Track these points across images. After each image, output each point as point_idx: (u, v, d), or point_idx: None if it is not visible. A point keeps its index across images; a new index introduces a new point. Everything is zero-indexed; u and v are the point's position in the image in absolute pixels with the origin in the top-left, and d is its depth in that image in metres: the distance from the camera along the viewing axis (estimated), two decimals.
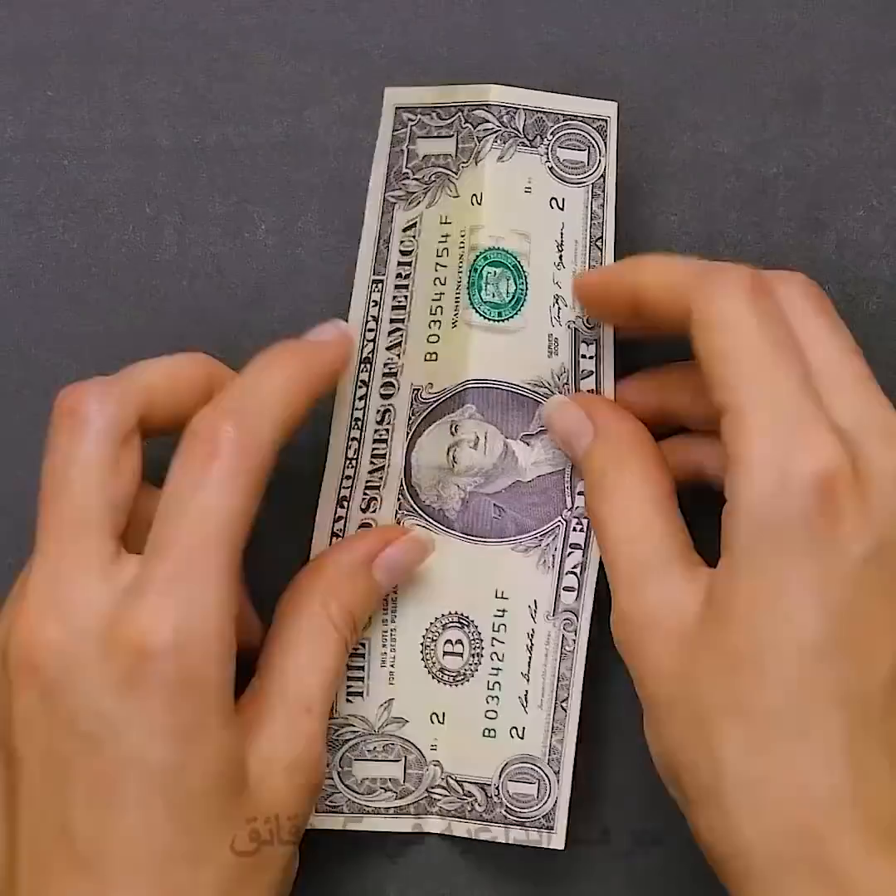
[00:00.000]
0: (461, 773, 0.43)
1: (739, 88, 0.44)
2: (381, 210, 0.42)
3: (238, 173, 0.44)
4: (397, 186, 0.42)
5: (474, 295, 0.42)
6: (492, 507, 0.43)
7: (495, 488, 0.43)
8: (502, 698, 0.43)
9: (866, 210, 0.44)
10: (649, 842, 0.44)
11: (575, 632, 0.42)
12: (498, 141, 0.42)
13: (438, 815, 0.43)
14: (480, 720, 0.43)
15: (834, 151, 0.44)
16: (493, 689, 0.43)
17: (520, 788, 0.42)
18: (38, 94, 0.44)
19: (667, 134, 0.44)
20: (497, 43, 0.44)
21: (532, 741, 0.42)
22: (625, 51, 0.44)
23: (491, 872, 0.44)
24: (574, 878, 0.44)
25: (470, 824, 0.43)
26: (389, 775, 0.43)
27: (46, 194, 0.44)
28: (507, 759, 0.43)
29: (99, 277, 0.44)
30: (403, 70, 0.44)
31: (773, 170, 0.44)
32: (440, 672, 0.43)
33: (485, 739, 0.43)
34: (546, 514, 0.43)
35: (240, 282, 0.44)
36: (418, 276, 0.42)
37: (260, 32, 0.44)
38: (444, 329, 0.43)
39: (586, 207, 0.42)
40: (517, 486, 0.43)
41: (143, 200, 0.44)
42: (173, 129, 0.44)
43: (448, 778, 0.43)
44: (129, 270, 0.44)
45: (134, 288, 0.44)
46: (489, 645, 0.43)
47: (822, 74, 0.44)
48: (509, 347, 0.42)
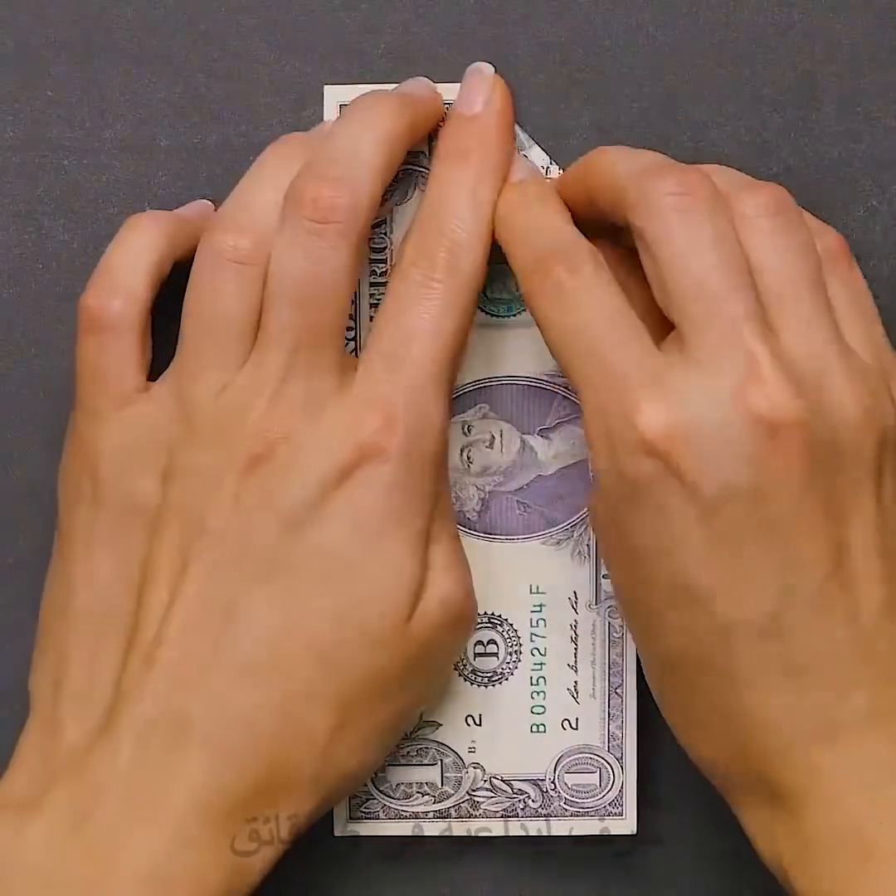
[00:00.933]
0: (508, 772, 0.43)
1: (739, 88, 0.44)
2: None
3: (238, 173, 0.44)
4: None
5: (479, 294, 0.42)
6: (515, 504, 0.43)
7: (517, 485, 0.43)
8: (549, 692, 0.43)
9: (866, 210, 0.44)
10: (649, 842, 0.44)
11: (621, 617, 0.42)
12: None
13: (484, 817, 0.43)
14: (526, 717, 0.43)
15: (834, 151, 0.44)
16: (537, 683, 0.43)
17: (579, 779, 0.42)
18: (38, 94, 0.44)
19: (667, 134, 0.44)
20: (497, 43, 0.44)
21: (588, 730, 0.43)
22: (625, 51, 0.44)
23: (491, 872, 0.44)
24: (574, 878, 0.44)
25: (526, 822, 0.43)
26: (426, 779, 0.43)
27: (46, 194, 0.44)
28: (562, 751, 0.43)
29: None
30: (403, 70, 0.44)
31: (773, 170, 0.44)
32: (473, 674, 0.43)
33: (533, 735, 0.43)
34: (574, 504, 0.43)
35: None
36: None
37: (260, 32, 0.44)
38: None
39: None
40: (540, 481, 0.43)
41: (143, 200, 0.44)
42: (173, 129, 0.44)
43: (492, 779, 0.43)
44: None
45: None
46: (528, 641, 0.43)
47: (822, 74, 0.44)
48: (523, 340, 0.42)
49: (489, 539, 0.43)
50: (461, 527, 0.42)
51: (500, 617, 0.43)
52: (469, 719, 0.43)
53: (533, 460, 0.43)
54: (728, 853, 0.44)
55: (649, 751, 0.43)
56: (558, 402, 0.43)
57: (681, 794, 0.44)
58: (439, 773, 0.43)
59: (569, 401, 0.43)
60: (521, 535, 0.43)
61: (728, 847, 0.44)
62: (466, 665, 0.43)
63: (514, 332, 0.42)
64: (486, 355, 0.43)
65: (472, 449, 0.43)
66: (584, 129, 0.44)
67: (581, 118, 0.44)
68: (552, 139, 0.44)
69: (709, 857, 0.45)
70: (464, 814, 0.43)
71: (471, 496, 0.43)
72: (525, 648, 0.43)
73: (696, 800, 0.44)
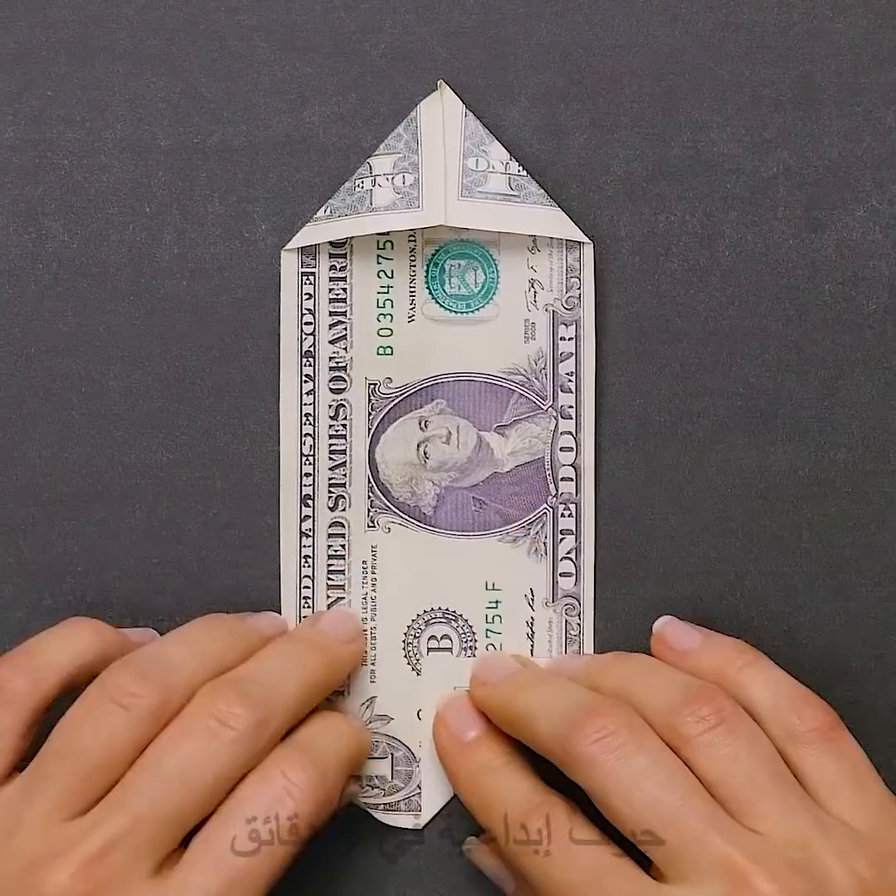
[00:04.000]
0: None
1: (739, 88, 0.44)
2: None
3: (238, 173, 0.44)
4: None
5: (437, 290, 0.42)
6: (471, 500, 0.43)
7: (472, 481, 0.43)
8: None
9: (866, 210, 0.44)
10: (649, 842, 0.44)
11: (579, 615, 0.42)
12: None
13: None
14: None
15: (834, 151, 0.44)
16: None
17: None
18: (38, 94, 0.44)
19: (667, 134, 0.44)
20: (497, 43, 0.44)
21: None
22: (625, 51, 0.44)
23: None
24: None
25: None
26: (377, 773, 0.43)
27: (46, 194, 0.44)
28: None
29: (99, 277, 0.44)
30: (403, 70, 0.44)
31: (773, 170, 0.44)
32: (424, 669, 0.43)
33: None
34: (530, 502, 0.43)
35: (240, 282, 0.44)
36: (356, 269, 0.42)
37: (260, 32, 0.44)
38: (397, 323, 0.43)
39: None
40: (496, 478, 0.43)
41: (143, 200, 0.44)
42: (173, 129, 0.44)
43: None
44: (129, 270, 0.44)
45: (134, 288, 0.44)
46: (483, 637, 0.43)
47: (822, 74, 0.44)
48: (482, 337, 0.43)
49: (445, 535, 0.43)
50: (418, 522, 0.43)
51: (454, 612, 0.43)
52: (420, 714, 0.43)
53: (489, 457, 0.43)
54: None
55: None
56: (515, 400, 0.43)
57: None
58: (389, 767, 0.43)
59: (525, 398, 0.43)
60: (476, 532, 0.43)
61: None
62: (420, 660, 0.43)
63: (473, 328, 0.43)
64: (445, 351, 0.43)
65: (428, 444, 0.43)
66: (584, 129, 0.44)
67: (581, 118, 0.44)
68: (552, 139, 0.44)
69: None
70: (413, 807, 0.43)
71: (426, 491, 0.43)
72: (480, 644, 0.43)
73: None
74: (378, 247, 0.42)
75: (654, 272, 0.44)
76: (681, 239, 0.44)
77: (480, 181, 0.41)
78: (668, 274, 0.44)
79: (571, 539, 0.43)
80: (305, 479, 0.43)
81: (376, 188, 0.42)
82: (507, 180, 0.42)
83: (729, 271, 0.44)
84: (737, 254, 0.44)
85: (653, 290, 0.44)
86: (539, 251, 0.42)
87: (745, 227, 0.44)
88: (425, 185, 0.41)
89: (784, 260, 0.44)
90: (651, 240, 0.44)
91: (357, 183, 0.42)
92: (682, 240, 0.44)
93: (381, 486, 0.43)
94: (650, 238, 0.44)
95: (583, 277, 0.42)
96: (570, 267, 0.42)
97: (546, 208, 0.42)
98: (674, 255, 0.44)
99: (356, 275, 0.42)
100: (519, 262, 0.42)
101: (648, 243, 0.44)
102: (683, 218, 0.44)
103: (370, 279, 0.42)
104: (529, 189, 0.42)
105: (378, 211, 0.41)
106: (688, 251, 0.44)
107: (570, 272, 0.42)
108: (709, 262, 0.44)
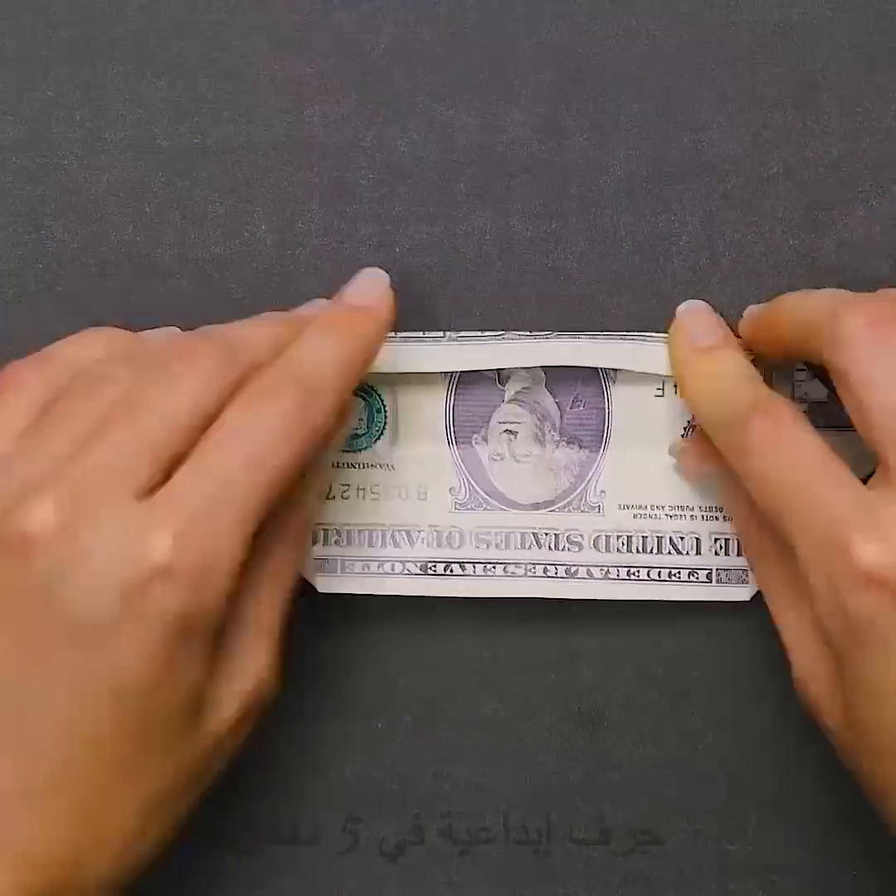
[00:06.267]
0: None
1: (739, 88, 0.44)
2: None
3: (238, 173, 0.44)
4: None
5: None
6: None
7: None
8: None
9: (866, 210, 0.44)
10: (649, 842, 0.44)
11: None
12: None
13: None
14: None
15: (834, 151, 0.44)
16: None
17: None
18: (38, 94, 0.44)
19: (667, 134, 0.44)
20: (497, 43, 0.44)
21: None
22: (625, 51, 0.44)
23: (490, 872, 0.44)
24: (574, 878, 0.44)
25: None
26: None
27: (46, 194, 0.44)
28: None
29: (99, 277, 0.44)
30: (403, 70, 0.44)
31: (773, 170, 0.44)
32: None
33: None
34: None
35: (240, 282, 0.44)
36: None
37: (260, 32, 0.44)
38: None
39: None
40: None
41: (143, 200, 0.44)
42: (173, 129, 0.44)
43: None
44: (129, 270, 0.44)
45: (134, 288, 0.44)
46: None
47: (822, 74, 0.44)
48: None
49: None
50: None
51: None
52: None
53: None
54: (729, 853, 0.44)
55: (647, 750, 0.44)
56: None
57: (682, 794, 0.44)
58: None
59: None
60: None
61: (728, 847, 0.44)
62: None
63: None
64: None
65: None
66: (584, 129, 0.44)
67: (581, 118, 0.44)
68: (552, 139, 0.44)
69: (709, 857, 0.45)
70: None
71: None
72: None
73: (697, 800, 0.44)
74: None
75: (654, 272, 0.44)
76: (681, 239, 0.44)
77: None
78: (669, 274, 0.44)
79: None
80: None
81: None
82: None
83: (729, 271, 0.44)
84: (737, 254, 0.44)
85: (653, 290, 0.44)
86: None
87: (745, 227, 0.44)
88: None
89: (784, 260, 0.44)
90: (651, 240, 0.44)
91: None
92: (682, 240, 0.44)
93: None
94: (650, 238, 0.44)
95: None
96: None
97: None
98: (674, 255, 0.44)
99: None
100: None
101: (648, 243, 0.44)
102: (683, 218, 0.44)
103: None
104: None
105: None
106: (688, 251, 0.44)
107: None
108: (709, 263, 0.44)
